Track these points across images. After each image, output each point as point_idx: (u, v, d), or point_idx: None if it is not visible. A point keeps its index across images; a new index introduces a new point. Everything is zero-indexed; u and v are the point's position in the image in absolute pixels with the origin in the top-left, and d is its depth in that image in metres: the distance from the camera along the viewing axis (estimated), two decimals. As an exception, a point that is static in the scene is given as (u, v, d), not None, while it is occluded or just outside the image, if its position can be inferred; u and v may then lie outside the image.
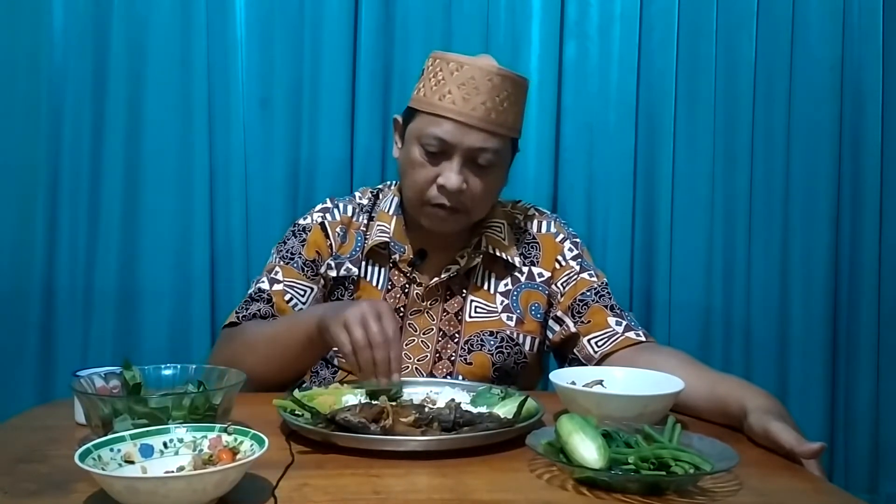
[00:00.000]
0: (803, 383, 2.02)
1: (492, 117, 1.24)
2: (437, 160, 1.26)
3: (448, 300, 1.35)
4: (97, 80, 1.84)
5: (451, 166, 1.25)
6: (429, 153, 1.26)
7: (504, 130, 1.27)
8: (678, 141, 1.99)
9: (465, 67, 1.25)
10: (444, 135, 1.24)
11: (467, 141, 1.24)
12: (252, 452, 0.78)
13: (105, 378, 0.98)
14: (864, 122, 2.03)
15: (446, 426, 0.96)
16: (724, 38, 1.99)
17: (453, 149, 1.25)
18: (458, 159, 1.25)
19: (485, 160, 1.26)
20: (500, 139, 1.27)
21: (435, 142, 1.25)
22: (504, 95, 1.25)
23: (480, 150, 1.25)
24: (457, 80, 1.24)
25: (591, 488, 0.82)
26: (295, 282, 1.34)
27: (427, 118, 1.26)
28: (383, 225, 1.36)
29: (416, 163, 1.28)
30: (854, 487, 2.00)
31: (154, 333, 1.87)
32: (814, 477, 0.92)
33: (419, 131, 1.27)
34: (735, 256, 2.02)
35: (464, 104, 1.23)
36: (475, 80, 1.24)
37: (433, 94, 1.26)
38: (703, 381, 1.13)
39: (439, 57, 1.29)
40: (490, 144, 1.25)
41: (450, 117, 1.24)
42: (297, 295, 1.34)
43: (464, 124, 1.24)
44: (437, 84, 1.26)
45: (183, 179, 1.87)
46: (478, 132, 1.24)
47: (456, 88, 1.24)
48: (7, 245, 1.84)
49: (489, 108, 1.24)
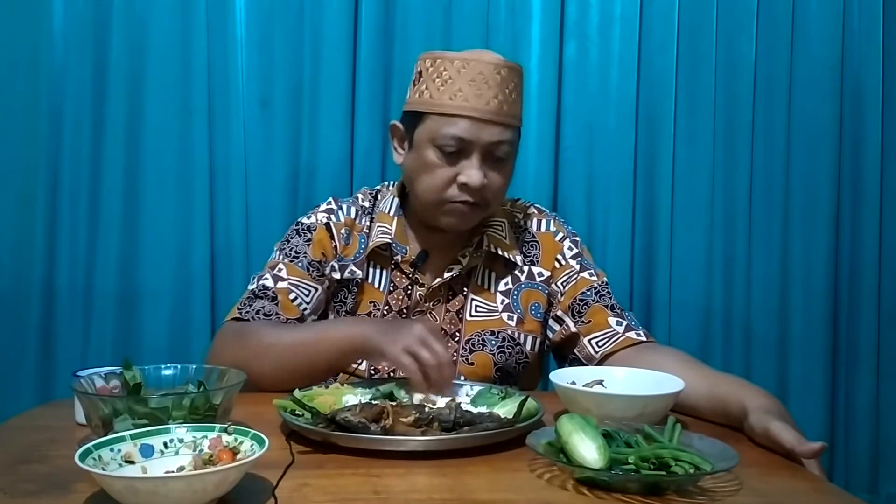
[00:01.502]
0: (803, 383, 2.02)
1: (504, 109, 1.25)
2: (456, 159, 1.26)
3: (450, 300, 1.35)
4: (97, 80, 1.84)
5: (471, 164, 1.25)
6: (447, 153, 1.26)
7: (516, 121, 1.29)
8: (678, 141, 1.99)
9: (473, 63, 1.25)
10: (462, 133, 1.24)
11: (485, 136, 1.24)
12: (252, 452, 0.78)
13: (105, 378, 0.98)
14: (864, 122, 2.03)
15: (446, 426, 0.96)
16: (724, 38, 1.99)
17: (472, 146, 1.25)
18: (477, 155, 1.25)
19: (502, 153, 1.27)
20: (512, 130, 1.28)
21: (453, 141, 1.24)
22: (512, 87, 1.26)
23: (498, 144, 1.26)
24: (465, 76, 1.24)
25: (591, 488, 0.82)
26: (300, 281, 1.33)
27: (440, 119, 1.25)
28: (384, 226, 1.36)
29: (433, 165, 1.26)
30: (854, 487, 2.01)
31: (154, 333, 1.87)
32: (814, 477, 0.92)
33: (432, 133, 1.26)
34: (735, 256, 2.02)
35: (477, 100, 1.23)
36: (484, 75, 1.24)
37: (442, 94, 1.25)
38: (704, 381, 1.13)
39: (438, 57, 1.28)
40: (506, 137, 1.26)
41: (465, 115, 1.24)
42: (302, 295, 1.32)
43: (479, 120, 1.24)
44: (445, 83, 1.25)
45: (183, 179, 1.87)
46: (494, 126, 1.25)
47: (467, 86, 1.24)
48: (7, 245, 1.84)
49: (501, 101, 1.25)
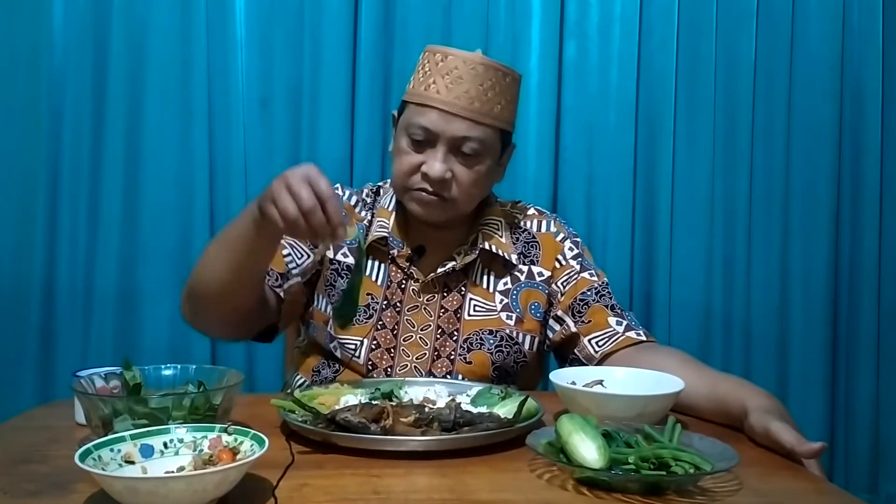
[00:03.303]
0: (803, 383, 2.03)
1: (475, 106, 1.25)
2: (423, 148, 1.28)
3: (446, 296, 1.35)
4: (97, 80, 1.84)
5: (435, 155, 1.26)
6: (414, 142, 1.28)
7: (489, 120, 1.27)
8: (678, 141, 2.00)
9: (450, 58, 1.26)
10: (428, 123, 1.25)
11: (450, 129, 1.25)
12: (252, 452, 0.78)
13: (105, 378, 0.98)
14: (864, 122, 2.04)
15: (446, 426, 0.96)
16: (724, 38, 1.99)
17: (437, 137, 1.26)
18: (442, 148, 1.26)
19: (469, 149, 1.27)
20: (484, 128, 1.27)
21: (420, 131, 1.26)
22: (488, 84, 1.26)
23: (464, 139, 1.26)
24: (441, 70, 1.26)
25: (592, 488, 0.82)
26: (296, 243, 1.36)
27: (414, 108, 1.28)
28: (382, 220, 1.37)
29: (402, 151, 1.29)
30: (854, 487, 2.01)
31: (154, 333, 1.87)
32: (814, 477, 0.92)
33: (406, 121, 1.29)
34: (735, 256, 2.02)
35: (447, 93, 1.25)
36: (459, 70, 1.25)
37: (420, 86, 1.28)
38: (704, 381, 1.13)
39: (429, 50, 1.30)
40: (474, 133, 1.26)
41: (434, 106, 1.25)
42: (296, 254, 1.35)
43: (447, 113, 1.25)
44: (424, 75, 1.28)
45: (183, 179, 1.87)
46: (461, 120, 1.25)
47: (440, 78, 1.25)
48: (7, 245, 1.84)
49: (472, 97, 1.25)
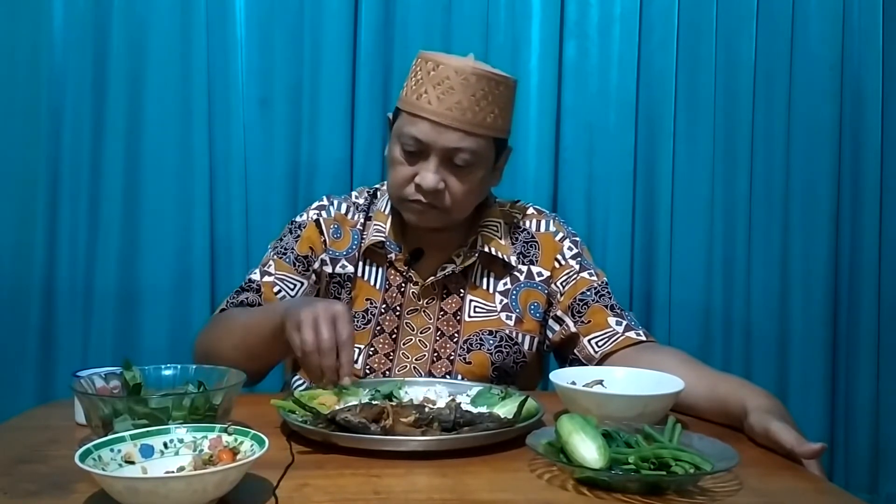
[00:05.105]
0: (803, 383, 2.03)
1: (467, 117, 1.23)
2: (415, 159, 1.27)
3: (445, 299, 1.35)
4: (97, 80, 1.84)
5: (427, 166, 1.25)
6: (407, 152, 1.27)
7: (482, 130, 1.25)
8: (678, 141, 1.99)
9: (441, 67, 1.24)
10: (420, 135, 1.24)
11: (442, 141, 1.24)
12: (252, 452, 0.78)
13: (105, 378, 0.98)
14: (864, 122, 2.03)
15: (446, 426, 0.96)
16: (724, 38, 1.99)
17: (429, 149, 1.25)
18: (434, 159, 1.25)
19: (461, 160, 1.25)
20: (477, 139, 1.25)
21: (412, 141, 1.25)
22: (481, 94, 1.24)
23: (456, 150, 1.25)
24: (433, 79, 1.24)
25: (592, 488, 0.82)
26: (286, 275, 1.36)
27: (406, 117, 1.27)
28: (379, 224, 1.37)
29: (396, 161, 1.28)
30: (854, 487, 2.01)
31: (154, 333, 1.87)
32: (814, 477, 0.92)
33: (399, 130, 1.28)
34: (735, 256, 2.02)
35: (439, 104, 1.23)
36: (450, 80, 1.23)
37: (412, 94, 1.26)
38: (704, 381, 1.13)
39: (422, 56, 1.29)
40: (466, 144, 1.24)
41: (425, 117, 1.24)
42: (287, 288, 1.35)
43: (439, 124, 1.23)
44: (416, 84, 1.26)
45: (183, 179, 1.87)
46: (453, 132, 1.23)
47: (432, 88, 1.24)
48: (7, 245, 1.84)
49: (465, 108, 1.23)
